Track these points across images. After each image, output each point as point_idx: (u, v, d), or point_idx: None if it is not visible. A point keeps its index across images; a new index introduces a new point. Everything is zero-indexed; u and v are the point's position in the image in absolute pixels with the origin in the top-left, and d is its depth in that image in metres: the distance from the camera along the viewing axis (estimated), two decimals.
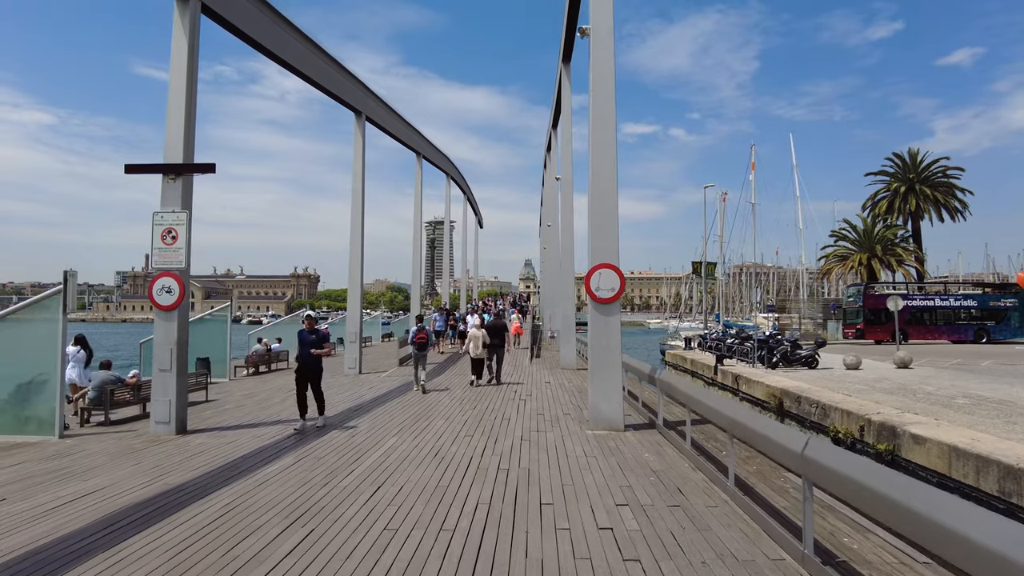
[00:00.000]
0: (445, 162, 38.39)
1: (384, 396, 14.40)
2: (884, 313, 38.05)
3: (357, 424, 10.76)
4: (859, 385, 20.02)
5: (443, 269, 44.80)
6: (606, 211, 9.91)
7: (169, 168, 10.35)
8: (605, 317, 9.77)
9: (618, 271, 9.81)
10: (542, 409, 12.13)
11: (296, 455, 8.45)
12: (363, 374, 19.97)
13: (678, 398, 8.83)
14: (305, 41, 17.48)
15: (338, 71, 19.62)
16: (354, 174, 21.01)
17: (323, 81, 18.65)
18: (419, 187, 30.51)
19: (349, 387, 16.47)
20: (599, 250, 9.87)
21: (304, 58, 17.44)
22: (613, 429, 9.70)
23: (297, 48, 16.92)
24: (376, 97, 22.39)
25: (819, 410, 17.34)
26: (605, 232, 9.89)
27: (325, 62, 18.75)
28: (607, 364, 9.71)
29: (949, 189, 53.75)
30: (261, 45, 14.64)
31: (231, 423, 11.34)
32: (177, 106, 10.45)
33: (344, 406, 13.03)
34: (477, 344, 16.09)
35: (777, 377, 22.24)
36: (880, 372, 23.37)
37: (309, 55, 17.74)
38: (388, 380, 17.91)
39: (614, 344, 9.75)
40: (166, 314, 10.28)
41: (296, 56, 16.74)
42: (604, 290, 9.73)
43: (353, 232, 20.72)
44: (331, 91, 19.21)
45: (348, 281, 20.99)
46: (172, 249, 10.35)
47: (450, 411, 12.01)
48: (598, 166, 9.92)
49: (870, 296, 39.42)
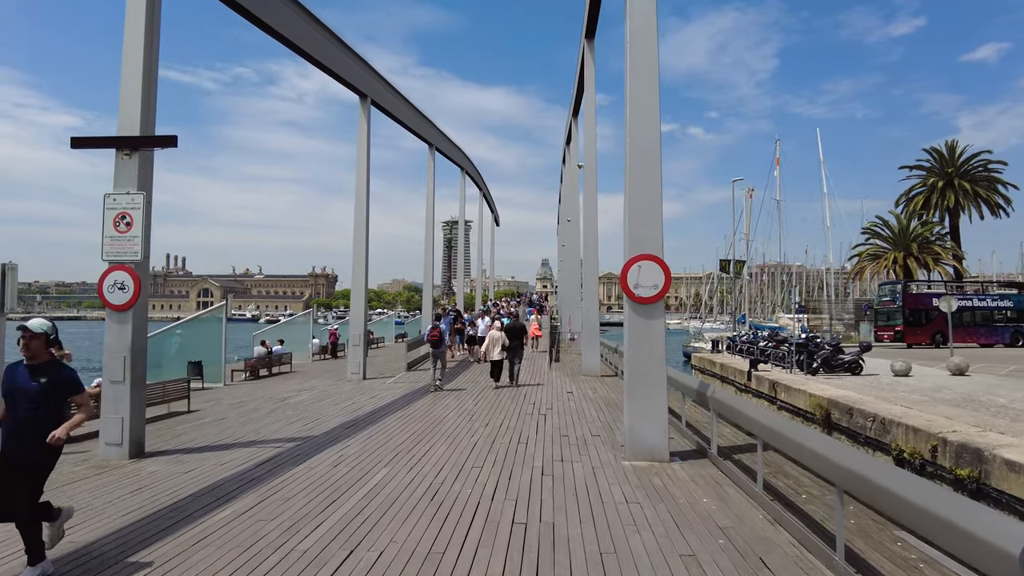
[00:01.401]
0: (460, 156, 36.72)
1: (385, 408, 12.67)
2: (924, 314, 35.54)
3: (345, 448, 9.01)
4: (916, 395, 17.93)
5: (457, 268, 42.96)
6: (647, 190, 8.07)
7: (123, 142, 8.70)
8: (645, 320, 7.92)
9: (662, 264, 7.96)
10: (565, 427, 10.30)
11: (259, 493, 6.71)
12: (368, 380, 18.30)
13: (744, 426, 6.96)
14: (306, 16, 15.84)
15: (342, 50, 17.97)
16: (358, 164, 19.36)
17: (325, 60, 17.02)
18: (432, 180, 28.87)
19: (349, 396, 14.78)
20: (638, 239, 8.03)
21: (305, 35, 15.82)
22: (656, 460, 7.85)
23: (297, 23, 15.28)
24: (384, 80, 20.71)
25: (876, 424, 15.31)
26: (646, 216, 8.04)
27: (327, 39, 17.11)
28: (648, 379, 7.86)
29: (991, 183, 50.98)
30: (256, 17, 13.04)
31: (201, 443, 9.67)
32: (133, 68, 8.79)
33: (337, 420, 11.31)
34: (496, 346, 15.78)
35: (820, 385, 20.19)
36: (934, 379, 21.20)
37: (310, 31, 16.10)
38: (393, 387, 16.19)
39: (656, 354, 7.90)
40: (119, 315, 8.62)
41: (295, 31, 15.11)
42: (644, 287, 7.89)
43: (357, 227, 19.05)
44: (334, 71, 17.57)
45: (352, 279, 19.32)
46: (126, 238, 8.70)
47: (457, 429, 10.23)
48: (638, 132, 8.08)
49: (910, 296, 36.62)
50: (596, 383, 16.64)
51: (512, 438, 9.46)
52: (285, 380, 19.77)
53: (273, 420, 11.71)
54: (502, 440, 9.29)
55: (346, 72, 18.10)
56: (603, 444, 8.98)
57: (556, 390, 15.35)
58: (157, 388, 13.04)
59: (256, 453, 8.71)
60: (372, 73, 19.74)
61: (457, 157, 35.84)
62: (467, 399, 13.69)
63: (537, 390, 15.26)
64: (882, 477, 3.97)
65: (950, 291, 38.89)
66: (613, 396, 14.14)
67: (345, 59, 18.09)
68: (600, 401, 13.44)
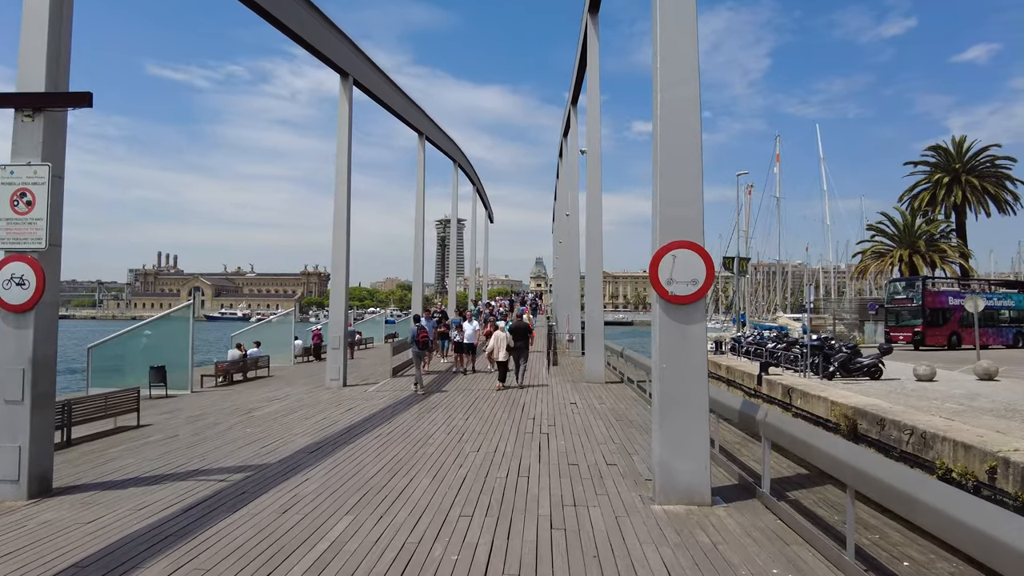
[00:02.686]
0: (452, 148, 34.95)
1: (361, 425, 10.92)
2: (942, 313, 33.79)
3: (303, 482, 7.27)
4: (950, 404, 16.33)
5: (450, 266, 41.05)
6: (682, 155, 6.35)
7: (23, 100, 6.92)
8: (681, 326, 6.20)
9: (703, 253, 6.25)
10: (573, 452, 8.58)
11: (170, 562, 4.96)
12: (348, 387, 16.56)
13: (821, 464, 5.25)
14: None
15: (322, 23, 16.18)
16: (338, 149, 17.60)
17: (303, 33, 15.23)
18: (422, 171, 27.10)
19: (323, 407, 13.02)
20: (672, 221, 6.30)
21: (281, 2, 14.07)
22: (695, 503, 6.15)
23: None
24: (367, 60, 18.92)
25: (915, 439, 13.68)
26: (681, 190, 6.32)
27: (305, 9, 15.32)
28: (686, 401, 6.15)
29: (999, 180, 49.55)
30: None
31: (130, 472, 7.92)
32: (37, 10, 7.01)
33: (302, 441, 9.55)
34: (501, 347, 15.63)
35: (841, 391, 18.59)
36: (963, 385, 19.63)
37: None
38: (374, 397, 14.44)
39: (696, 369, 6.19)
40: (16, 317, 6.84)
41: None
42: (680, 283, 6.18)
43: (337, 218, 17.29)
44: (312, 45, 15.78)
45: (331, 275, 17.53)
46: (26, 221, 6.91)
47: (443, 456, 8.49)
48: (671, 72, 6.34)
49: (930, 293, 33.98)
50: (601, 391, 14.94)
51: (510, 468, 7.72)
52: (259, 386, 18.02)
53: (228, 439, 9.95)
54: (497, 472, 7.55)
55: (325, 47, 16.31)
56: (622, 478, 7.26)
57: (557, 400, 13.64)
58: (98, 401, 11.28)
59: (191, 490, 6.96)
60: (355, 50, 17.96)
61: (449, 149, 34.07)
62: (457, 413, 11.94)
63: (536, 400, 13.55)
64: None
65: (965, 289, 36.36)
66: (622, 408, 12.45)
67: (325, 33, 16.31)
68: (608, 414, 11.73)
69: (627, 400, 13.55)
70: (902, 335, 33.79)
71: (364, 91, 18.99)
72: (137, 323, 18.63)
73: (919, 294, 34.04)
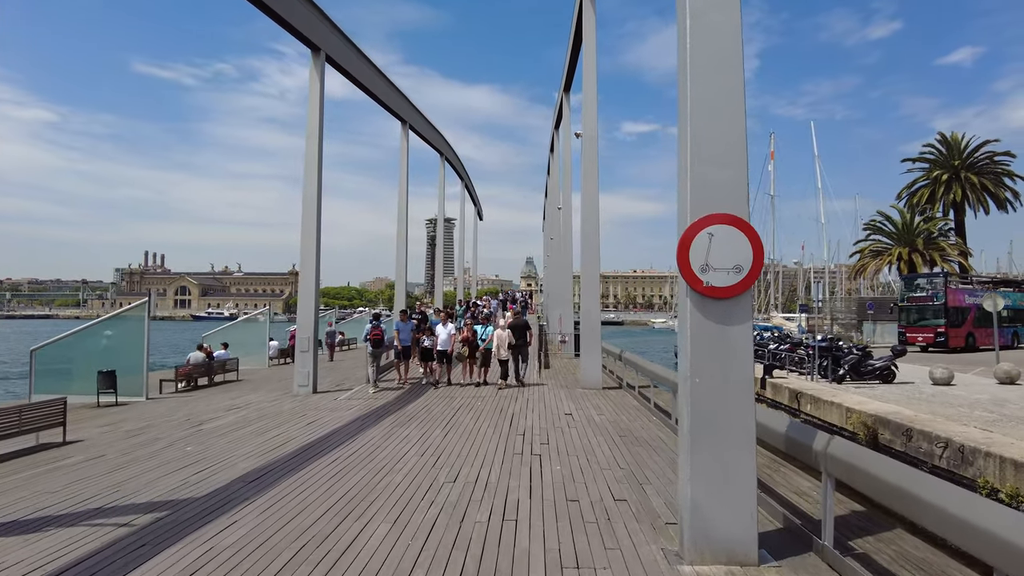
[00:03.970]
0: (438, 139, 33.30)
1: (321, 444, 9.29)
2: (960, 313, 31.91)
3: (226, 530, 5.63)
4: (979, 410, 14.94)
5: (438, 263, 39.27)
6: (721, 102, 4.79)
7: None
8: (720, 328, 4.63)
9: (749, 230, 4.69)
10: (572, 481, 7.01)
11: None
12: (319, 393, 14.95)
13: (941, 529, 3.70)
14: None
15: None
16: (308, 133, 15.98)
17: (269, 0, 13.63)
18: (405, 161, 25.44)
19: (283, 420, 11.38)
20: (708, 186, 4.73)
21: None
22: (737, 561, 4.59)
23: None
24: (342, 34, 17.26)
25: (951, 453, 12.25)
26: (720, 145, 4.75)
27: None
28: (725, 426, 4.59)
29: (998, 177, 48.47)
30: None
31: (13, 512, 6.27)
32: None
33: (244, 466, 7.92)
34: (503, 345, 15.50)
35: (854, 396, 17.19)
36: (985, 389, 18.26)
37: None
38: (344, 407, 12.81)
39: (739, 385, 4.63)
40: None
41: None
42: (719, 270, 4.63)
43: (306, 208, 15.66)
44: (279, 15, 14.15)
45: (300, 270, 15.87)
46: None
47: (411, 487, 6.88)
48: (703, 11, 4.82)
49: (952, 291, 31.35)
50: (599, 399, 13.39)
51: (493, 507, 6.12)
52: (223, 392, 16.37)
53: (161, 462, 8.31)
54: (477, 513, 5.95)
55: (293, 16, 14.67)
56: (636, 520, 5.69)
57: (550, 409, 12.08)
58: (10, 414, 9.60)
59: (74, 541, 5.32)
60: (328, 23, 16.30)
61: (435, 140, 32.43)
62: (434, 427, 10.32)
63: (526, 410, 11.98)
64: None
65: (980, 288, 34.40)
66: (625, 420, 10.90)
67: (293, 1, 14.66)
68: (609, 428, 10.17)
69: (629, 410, 12.02)
70: (922, 336, 30.99)
71: (339, 69, 17.35)
72: (86, 323, 16.89)
73: (941, 291, 31.11)
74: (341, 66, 17.21)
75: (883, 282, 68.71)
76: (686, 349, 4.69)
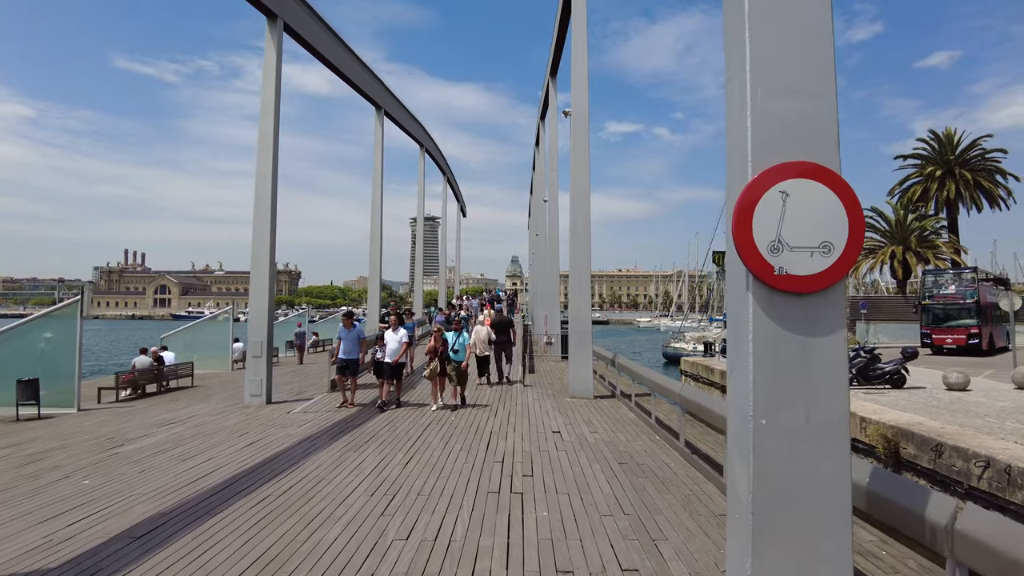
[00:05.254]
0: (418, 129, 31.48)
1: (252, 476, 7.52)
2: (985, 312, 29.12)
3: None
4: (1011, 422, 13.49)
5: (417, 260, 37.19)
6: (800, 4, 3.13)
7: None
8: (800, 339, 2.97)
9: (843, 187, 3.03)
10: (563, 539, 5.30)
11: None
12: (273, 404, 13.17)
13: None
14: None
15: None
16: (262, 109, 14.18)
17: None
18: (380, 148, 23.66)
19: (220, 441, 9.58)
20: (781, 123, 3.06)
21: None
22: None
23: None
24: (303, 2, 15.43)
25: (993, 473, 10.72)
26: (799, 66, 3.10)
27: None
28: (811, 496, 2.93)
29: (991, 174, 47.59)
30: None
31: None
32: None
33: (143, 511, 6.13)
34: (484, 342, 14.87)
35: (868, 404, 15.69)
36: (1006, 396, 16.88)
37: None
38: (297, 422, 11.02)
39: (832, 427, 2.97)
40: None
41: None
42: (800, 248, 2.97)
43: (260, 192, 13.88)
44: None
45: (252, 260, 14.01)
46: None
47: (349, 548, 5.15)
48: None
49: (984, 288, 29.17)
50: (591, 412, 11.72)
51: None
52: (167, 402, 14.51)
53: (38, 503, 6.51)
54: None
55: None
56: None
57: (535, 425, 10.39)
58: None
59: None
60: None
61: (414, 130, 30.60)
62: (396, 452, 8.57)
63: (507, 425, 10.29)
64: None
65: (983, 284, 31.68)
66: (623, 441, 9.24)
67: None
68: (606, 452, 8.50)
69: (626, 426, 10.36)
70: (951, 337, 28.43)
71: (301, 42, 15.53)
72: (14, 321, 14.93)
73: (974, 289, 28.66)
74: (302, 37, 15.39)
75: (867, 281, 67.89)
76: (744, 373, 3.01)
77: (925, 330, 29.51)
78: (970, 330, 27.91)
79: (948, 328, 28.80)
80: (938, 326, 29.24)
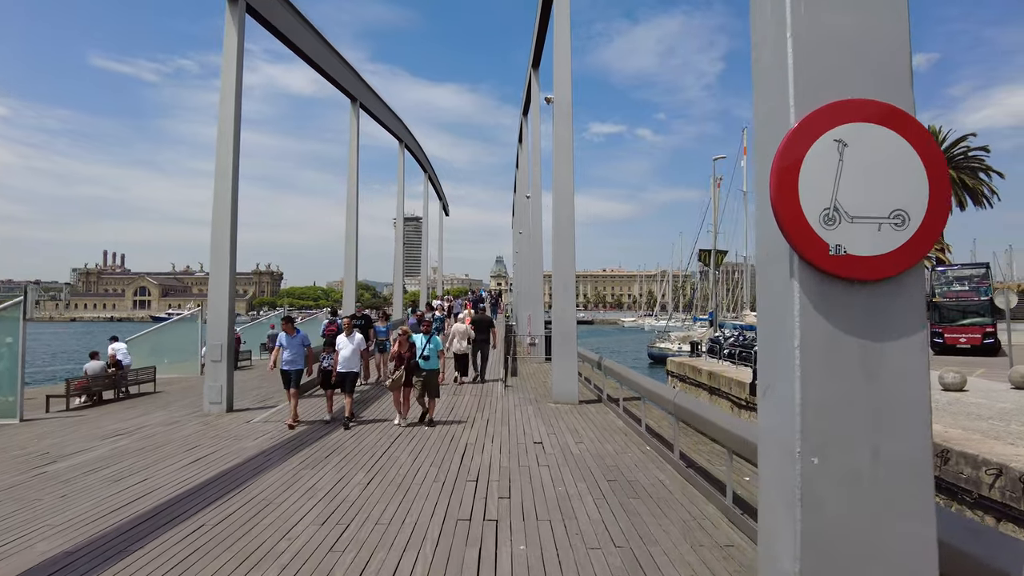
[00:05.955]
0: (397, 125, 30.51)
1: (190, 500, 6.57)
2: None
3: None
4: (1016, 424, 12.87)
5: (397, 259, 36.18)
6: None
7: None
8: (863, 344, 2.14)
9: (920, 135, 2.20)
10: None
11: None
12: (234, 412, 12.20)
13: None
14: None
15: None
16: (223, 94, 13.24)
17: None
18: (355, 142, 22.70)
19: (166, 456, 8.61)
20: (837, 50, 2.23)
21: None
22: None
23: None
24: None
25: (1006, 482, 10.05)
26: None
27: None
28: (885, 557, 2.09)
29: (974, 172, 47.49)
30: None
31: None
32: None
33: (37, 553, 5.16)
34: (463, 340, 15.11)
35: None
36: (1004, 396, 16.34)
37: None
38: (254, 433, 10.06)
39: (905, 470, 2.13)
40: None
41: None
42: (864, 220, 2.13)
43: (220, 184, 12.89)
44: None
45: (211, 265, 12.99)
46: None
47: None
48: None
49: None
50: (576, 419, 10.88)
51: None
52: (121, 410, 13.44)
53: None
54: None
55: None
56: None
57: (515, 434, 9.53)
58: None
59: None
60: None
61: (393, 125, 29.63)
62: (355, 471, 7.64)
63: (484, 436, 9.41)
64: None
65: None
66: (611, 452, 8.41)
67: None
68: (592, 466, 7.66)
69: (614, 435, 9.54)
70: (966, 336, 26.86)
71: (263, 23, 14.54)
72: None
73: (987, 286, 27.54)
74: (268, 20, 14.42)
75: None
76: (788, 393, 2.17)
77: (937, 328, 27.95)
78: (986, 328, 26.52)
79: (962, 327, 27.33)
80: (951, 324, 27.72)
